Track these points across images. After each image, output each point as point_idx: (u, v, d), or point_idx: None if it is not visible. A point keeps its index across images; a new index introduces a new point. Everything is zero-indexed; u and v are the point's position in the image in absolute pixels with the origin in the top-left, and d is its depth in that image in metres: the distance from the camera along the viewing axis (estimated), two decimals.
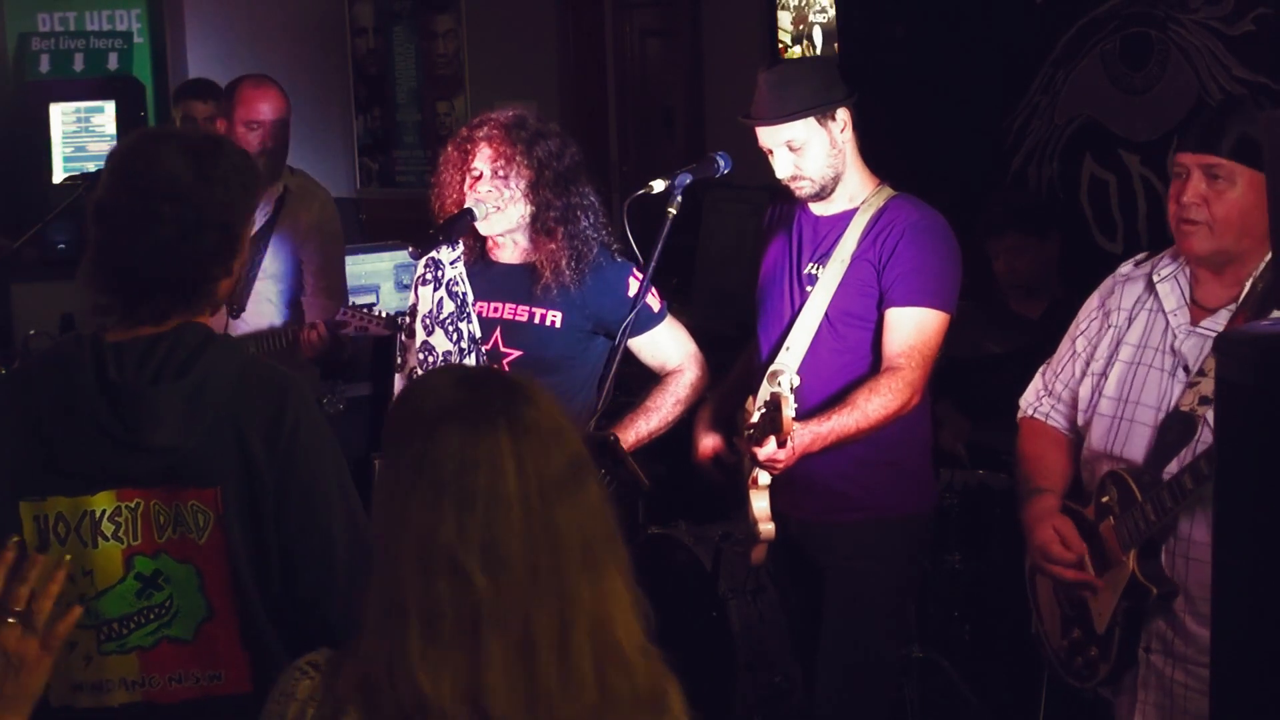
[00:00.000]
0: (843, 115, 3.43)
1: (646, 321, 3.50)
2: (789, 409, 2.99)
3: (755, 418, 3.14)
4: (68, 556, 2.08)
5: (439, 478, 1.61)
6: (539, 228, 3.47)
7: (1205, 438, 2.68)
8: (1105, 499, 2.83)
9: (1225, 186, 2.71)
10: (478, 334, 3.42)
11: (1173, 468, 2.73)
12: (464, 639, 1.59)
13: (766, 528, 3.45)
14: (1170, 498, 2.69)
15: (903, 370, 3.31)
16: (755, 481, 3.43)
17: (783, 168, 3.42)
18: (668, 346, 3.56)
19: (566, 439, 1.66)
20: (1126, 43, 4.53)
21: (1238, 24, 4.22)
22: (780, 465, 3.21)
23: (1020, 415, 3.14)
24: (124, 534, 2.23)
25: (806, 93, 3.40)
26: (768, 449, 3.14)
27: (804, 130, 3.39)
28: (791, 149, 3.40)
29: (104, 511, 2.22)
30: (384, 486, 1.65)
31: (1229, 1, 4.23)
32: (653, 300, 3.50)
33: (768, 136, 3.43)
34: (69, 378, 2.21)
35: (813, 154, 3.41)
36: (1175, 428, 2.75)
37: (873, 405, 3.27)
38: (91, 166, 7.68)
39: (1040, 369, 3.13)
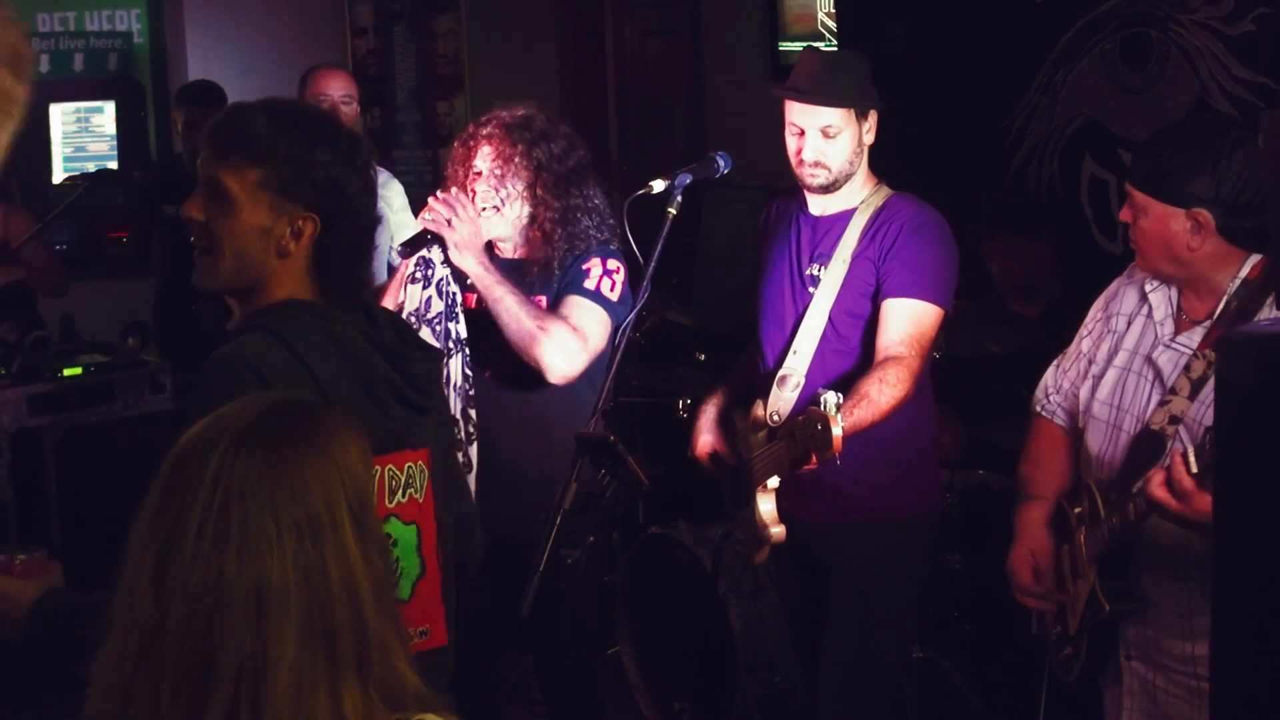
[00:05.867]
0: (872, 119, 3.46)
1: (572, 284, 3.47)
2: (837, 428, 2.99)
3: (797, 424, 3.13)
4: None
5: (152, 492, 1.59)
6: (537, 228, 3.47)
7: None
8: (1079, 510, 2.87)
9: (1140, 215, 2.78)
10: (464, 335, 3.42)
11: (1138, 486, 2.73)
12: (125, 666, 1.55)
13: (777, 530, 3.45)
14: (1121, 524, 2.72)
15: (905, 359, 3.32)
16: (765, 485, 3.43)
17: (811, 150, 3.42)
18: (565, 310, 3.44)
19: (310, 489, 1.56)
20: (1126, 43, 4.53)
21: (1238, 24, 4.22)
22: (814, 469, 3.20)
23: (1033, 409, 3.17)
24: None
25: (855, 85, 3.43)
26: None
27: (842, 120, 3.41)
28: (825, 135, 3.41)
29: None
30: None
31: (1229, 1, 4.22)
32: (606, 283, 3.46)
33: (806, 116, 3.43)
34: (340, 343, 2.26)
35: (840, 146, 3.41)
36: (1144, 446, 2.77)
37: (884, 396, 3.28)
38: (91, 167, 7.70)
39: (1055, 361, 3.16)
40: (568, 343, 3.37)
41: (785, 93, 3.47)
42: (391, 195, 4.89)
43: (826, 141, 3.41)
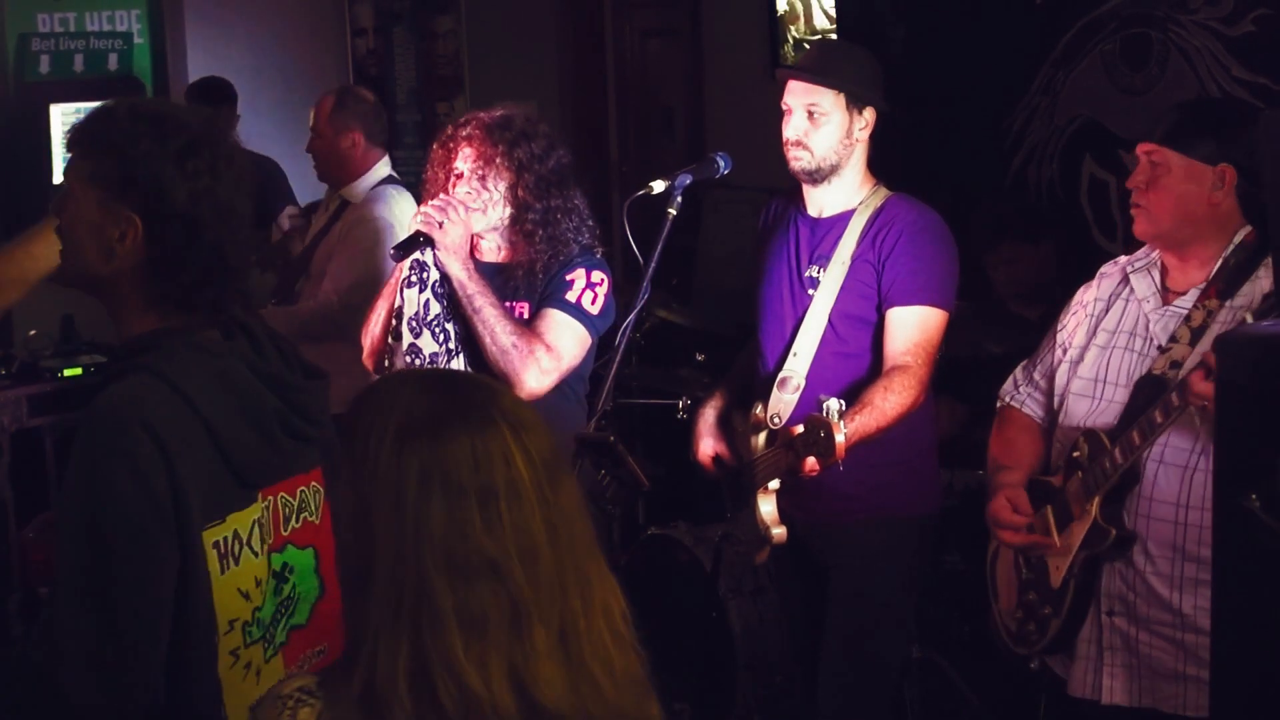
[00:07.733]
0: (869, 115, 3.44)
1: (553, 295, 3.46)
2: (840, 435, 3.00)
3: (800, 429, 3.13)
4: None
5: (457, 482, 1.61)
6: (519, 230, 3.47)
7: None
8: (1076, 454, 2.93)
9: (1161, 173, 2.84)
10: (463, 334, 3.43)
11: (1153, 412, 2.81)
12: (507, 634, 1.61)
13: (778, 531, 3.46)
14: (1140, 435, 2.77)
15: (912, 367, 3.33)
16: (765, 487, 3.43)
17: (794, 129, 3.42)
18: (543, 326, 3.44)
19: (544, 427, 1.70)
20: (1126, 43, 4.53)
21: (1238, 24, 4.22)
22: (815, 473, 3.21)
23: (998, 404, 3.25)
24: (267, 536, 2.19)
25: (853, 73, 3.43)
26: (809, 463, 3.14)
27: (830, 104, 3.40)
28: (811, 115, 3.41)
29: (256, 518, 2.17)
30: (379, 499, 1.62)
31: (1229, 2, 4.23)
32: (588, 296, 3.46)
33: (796, 92, 3.43)
34: (227, 378, 2.12)
35: (826, 130, 3.41)
36: (1147, 389, 2.85)
37: (890, 404, 3.28)
38: None
39: (1021, 363, 3.24)
40: (541, 360, 3.38)
41: (782, 69, 3.50)
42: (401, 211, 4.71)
43: (811, 123, 3.41)
